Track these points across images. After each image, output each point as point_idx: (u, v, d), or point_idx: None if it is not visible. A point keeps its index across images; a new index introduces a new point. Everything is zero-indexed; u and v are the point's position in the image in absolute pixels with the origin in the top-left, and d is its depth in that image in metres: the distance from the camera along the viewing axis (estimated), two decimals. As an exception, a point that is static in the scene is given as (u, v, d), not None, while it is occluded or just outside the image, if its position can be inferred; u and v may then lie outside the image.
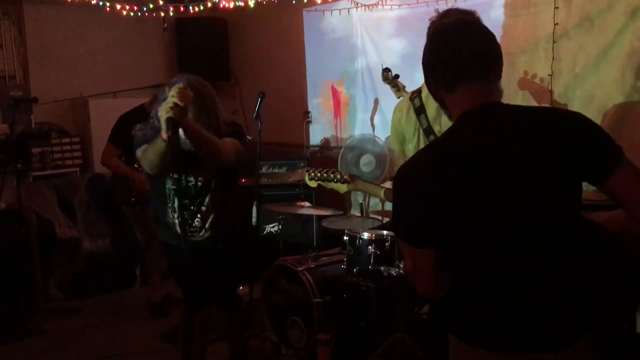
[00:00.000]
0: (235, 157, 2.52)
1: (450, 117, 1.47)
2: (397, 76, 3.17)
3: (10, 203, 4.41)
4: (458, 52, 1.37)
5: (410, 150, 2.51)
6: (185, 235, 2.46)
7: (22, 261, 4.12)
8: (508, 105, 1.41)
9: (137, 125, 2.52)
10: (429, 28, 1.88)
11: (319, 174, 2.17)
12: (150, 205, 2.87)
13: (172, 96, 2.17)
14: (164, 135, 2.19)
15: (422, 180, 1.39)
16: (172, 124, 2.15)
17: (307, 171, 2.25)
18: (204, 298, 2.74)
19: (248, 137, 4.16)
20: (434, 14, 2.19)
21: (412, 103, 2.46)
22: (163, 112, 2.16)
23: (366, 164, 4.14)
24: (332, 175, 2.14)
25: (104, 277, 4.66)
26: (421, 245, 1.42)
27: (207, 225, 2.62)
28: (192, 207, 2.57)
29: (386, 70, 3.22)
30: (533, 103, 3.38)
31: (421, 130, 2.42)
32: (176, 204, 2.56)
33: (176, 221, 2.59)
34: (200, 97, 2.36)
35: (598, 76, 3.13)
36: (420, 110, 2.41)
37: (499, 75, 1.42)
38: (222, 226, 2.67)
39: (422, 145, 2.43)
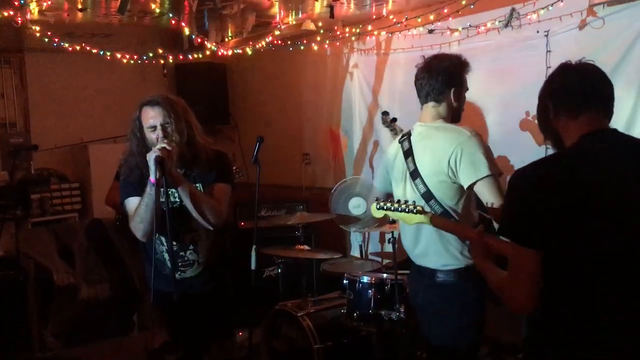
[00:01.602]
0: (227, 211, 2.57)
1: (556, 143, 1.65)
2: (394, 119, 3.22)
3: (8, 250, 4.39)
4: (594, 87, 1.62)
5: (398, 194, 2.46)
6: (176, 267, 2.42)
7: (18, 309, 4.07)
8: (623, 133, 1.62)
9: (122, 158, 2.58)
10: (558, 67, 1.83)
11: (389, 204, 2.17)
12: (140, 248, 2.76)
13: (160, 144, 2.35)
14: (153, 178, 2.30)
15: (536, 181, 1.52)
16: (160, 163, 2.27)
17: (376, 200, 2.22)
18: (198, 344, 2.65)
19: (237, 171, 4.16)
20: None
21: (401, 146, 2.45)
22: (152, 154, 2.30)
23: (356, 206, 4.11)
24: (403, 206, 2.14)
25: (101, 323, 4.58)
26: (526, 243, 1.49)
27: (201, 259, 2.55)
28: (182, 233, 2.50)
29: (385, 114, 3.27)
30: (533, 143, 3.41)
31: (408, 174, 2.38)
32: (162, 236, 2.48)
33: (165, 255, 2.51)
34: (170, 105, 2.48)
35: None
36: (408, 153, 2.39)
37: (611, 115, 1.65)
38: (217, 261, 2.61)
39: (408, 189, 2.39)
